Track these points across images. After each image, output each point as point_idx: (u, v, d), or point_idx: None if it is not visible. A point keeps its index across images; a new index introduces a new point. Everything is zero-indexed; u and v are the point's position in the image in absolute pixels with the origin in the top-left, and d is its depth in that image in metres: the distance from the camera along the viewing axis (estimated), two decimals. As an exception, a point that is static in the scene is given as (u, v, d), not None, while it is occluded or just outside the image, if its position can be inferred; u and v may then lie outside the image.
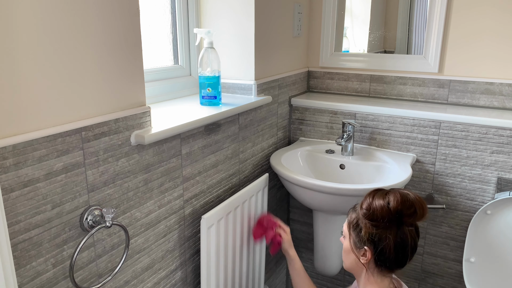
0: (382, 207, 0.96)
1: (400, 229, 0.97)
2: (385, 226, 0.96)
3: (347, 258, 1.07)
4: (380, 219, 0.96)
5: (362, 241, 1.00)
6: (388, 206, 0.96)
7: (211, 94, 1.30)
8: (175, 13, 1.42)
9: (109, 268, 0.98)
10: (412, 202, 0.97)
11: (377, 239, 0.97)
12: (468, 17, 1.54)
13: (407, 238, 0.97)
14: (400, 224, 0.97)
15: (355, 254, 1.03)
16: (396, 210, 0.95)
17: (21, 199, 0.76)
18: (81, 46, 0.82)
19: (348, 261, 1.06)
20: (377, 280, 1.02)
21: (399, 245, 0.97)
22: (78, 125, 0.83)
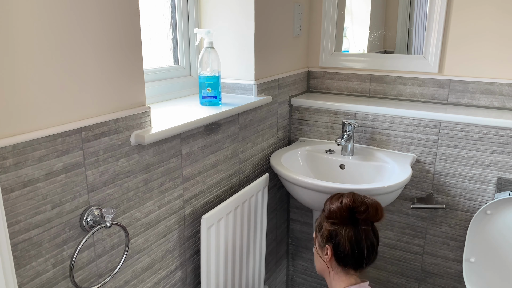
0: (337, 206, 1.09)
1: (355, 227, 1.08)
2: (341, 223, 1.08)
3: (316, 262, 1.16)
4: (335, 217, 1.09)
5: (324, 240, 1.10)
6: (341, 204, 1.09)
7: (211, 94, 1.30)
8: (175, 13, 1.42)
9: (109, 268, 0.98)
10: (364, 201, 1.09)
11: (334, 235, 1.08)
12: (468, 17, 1.54)
13: (361, 235, 1.07)
14: (355, 222, 1.08)
15: (319, 255, 1.12)
16: (348, 207, 1.08)
17: (21, 199, 0.76)
18: (81, 46, 0.82)
19: (317, 265, 1.15)
20: (342, 278, 1.10)
21: (354, 241, 1.06)
22: (78, 125, 0.83)
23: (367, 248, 1.08)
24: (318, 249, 1.14)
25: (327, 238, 1.10)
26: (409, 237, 1.71)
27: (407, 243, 1.72)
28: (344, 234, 1.07)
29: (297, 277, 2.03)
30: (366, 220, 1.08)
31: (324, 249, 1.11)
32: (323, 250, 1.11)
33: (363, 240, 1.07)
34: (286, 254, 2.00)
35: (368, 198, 1.11)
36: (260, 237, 1.51)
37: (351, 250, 1.07)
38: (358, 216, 1.07)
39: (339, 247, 1.07)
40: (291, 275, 2.04)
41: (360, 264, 1.09)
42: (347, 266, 1.09)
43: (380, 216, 1.09)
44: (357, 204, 1.08)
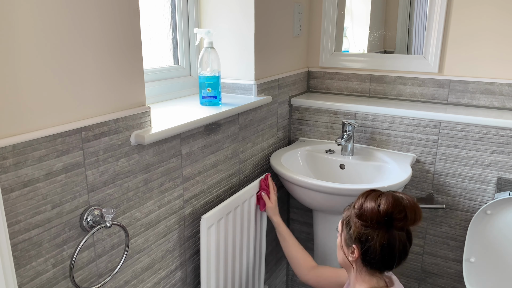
0: (373, 209, 0.97)
1: (389, 232, 0.97)
2: (373, 227, 0.97)
3: (339, 254, 1.09)
4: (369, 220, 0.97)
5: (351, 239, 1.01)
6: (379, 209, 0.97)
7: (211, 94, 1.30)
8: (175, 13, 1.42)
9: (109, 268, 0.98)
10: (404, 207, 0.97)
11: (364, 238, 0.98)
12: (468, 17, 1.54)
13: (395, 241, 0.97)
14: (390, 227, 0.97)
15: (344, 251, 1.05)
16: (386, 213, 0.96)
17: (21, 199, 0.76)
18: (81, 46, 0.82)
19: (340, 257, 1.09)
20: (365, 278, 1.03)
21: (386, 247, 0.97)
22: (78, 125, 0.83)
23: (399, 253, 0.98)
24: (343, 245, 1.05)
25: (355, 238, 1.00)
26: (409, 237, 1.71)
27: (407, 243, 1.72)
28: (377, 239, 0.97)
29: (297, 277, 2.03)
30: (403, 226, 0.98)
31: (350, 248, 1.02)
32: (349, 248, 1.02)
33: (396, 246, 0.97)
34: (286, 254, 2.00)
35: (405, 199, 0.98)
36: (260, 237, 1.51)
37: (381, 256, 0.98)
38: (396, 223, 0.97)
39: (368, 251, 0.98)
40: (291, 275, 2.04)
41: (388, 268, 1.02)
42: (373, 269, 1.01)
43: (418, 220, 0.98)
44: (396, 210, 0.96)
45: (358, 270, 1.04)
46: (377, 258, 0.98)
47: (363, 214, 0.99)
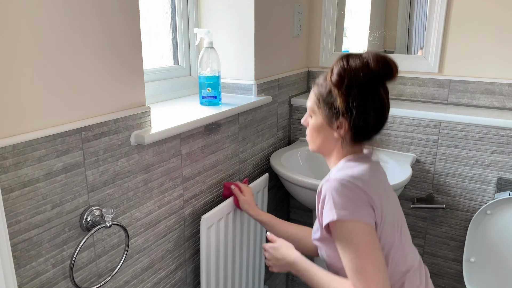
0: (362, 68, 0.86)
1: (376, 92, 0.89)
2: (363, 90, 0.87)
3: (317, 137, 0.97)
4: (357, 83, 0.87)
5: (337, 114, 0.91)
6: (368, 66, 0.86)
7: (211, 94, 1.30)
8: (175, 13, 1.42)
9: (109, 268, 0.98)
10: (388, 61, 0.88)
11: (354, 105, 0.88)
12: (468, 17, 1.54)
13: (384, 99, 0.90)
14: (376, 86, 0.89)
15: (325, 133, 0.95)
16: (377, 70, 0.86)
17: (21, 199, 0.76)
18: (81, 46, 0.82)
19: (319, 140, 0.98)
20: (349, 150, 0.95)
21: (378, 108, 0.89)
22: (78, 125, 0.83)
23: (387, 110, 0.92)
24: (323, 126, 0.95)
25: (343, 110, 0.89)
26: (409, 237, 1.71)
27: (407, 243, 1.72)
28: (368, 104, 0.87)
29: (297, 277, 2.03)
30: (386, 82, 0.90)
31: (335, 124, 0.92)
32: (333, 125, 0.92)
33: (386, 105, 0.90)
34: (286, 254, 2.00)
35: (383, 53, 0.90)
36: (260, 237, 1.51)
37: (374, 119, 0.89)
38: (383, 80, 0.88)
39: (360, 119, 0.88)
40: (291, 275, 2.04)
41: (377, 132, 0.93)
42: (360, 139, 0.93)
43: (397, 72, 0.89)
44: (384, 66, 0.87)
45: (342, 146, 0.95)
46: (370, 124, 0.90)
47: (349, 78, 0.86)
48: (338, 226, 0.83)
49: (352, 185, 0.84)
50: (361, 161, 0.92)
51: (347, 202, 0.83)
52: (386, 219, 0.88)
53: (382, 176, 0.96)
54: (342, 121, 0.90)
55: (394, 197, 0.98)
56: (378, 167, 0.96)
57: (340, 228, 0.83)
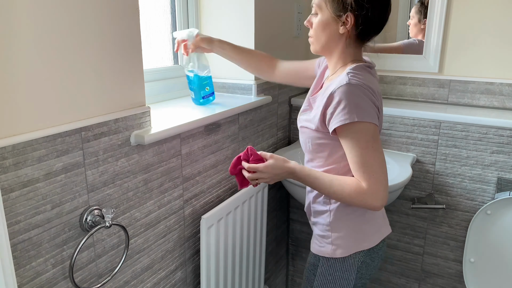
0: None
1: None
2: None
3: (322, 34, 0.99)
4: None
5: (344, 8, 0.94)
6: None
7: (209, 92, 1.31)
8: (175, 13, 1.42)
9: (108, 268, 0.98)
10: None
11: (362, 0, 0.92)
12: (468, 17, 1.54)
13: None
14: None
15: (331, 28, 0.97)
16: None
17: (21, 199, 0.76)
18: (81, 46, 0.82)
19: (324, 37, 1.00)
20: (351, 52, 1.00)
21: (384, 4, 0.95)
22: (78, 125, 0.83)
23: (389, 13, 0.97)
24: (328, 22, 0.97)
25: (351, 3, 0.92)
26: (409, 237, 1.71)
27: (407, 243, 1.72)
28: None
29: (297, 277, 2.03)
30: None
31: (341, 19, 0.95)
32: (339, 20, 0.95)
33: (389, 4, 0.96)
34: (286, 254, 2.00)
35: None
36: (260, 237, 1.51)
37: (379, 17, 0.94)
38: None
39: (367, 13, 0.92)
40: (291, 275, 2.04)
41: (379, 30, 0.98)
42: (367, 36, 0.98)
43: None
44: None
45: (346, 44, 0.99)
46: (375, 20, 0.94)
47: None
48: (352, 127, 0.91)
49: (366, 91, 0.91)
50: (366, 70, 0.98)
51: (363, 105, 0.90)
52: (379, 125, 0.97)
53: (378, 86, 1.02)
54: (349, 15, 0.94)
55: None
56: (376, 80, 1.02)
57: (353, 128, 0.91)
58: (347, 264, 1.05)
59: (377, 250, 1.08)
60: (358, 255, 1.05)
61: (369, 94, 0.92)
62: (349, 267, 1.05)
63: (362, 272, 1.07)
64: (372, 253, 1.06)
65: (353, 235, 1.05)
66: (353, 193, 0.93)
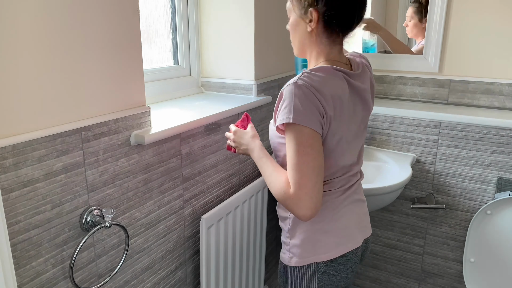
0: None
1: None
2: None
3: (295, 36, 1.00)
4: None
5: (307, 4, 0.93)
6: None
7: None
8: (175, 13, 1.42)
9: (109, 268, 0.98)
10: None
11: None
12: (468, 17, 1.54)
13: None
14: None
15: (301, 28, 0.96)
16: None
17: (21, 199, 0.76)
18: (81, 46, 0.82)
19: (297, 39, 1.00)
20: (325, 50, 0.96)
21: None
22: (78, 125, 0.83)
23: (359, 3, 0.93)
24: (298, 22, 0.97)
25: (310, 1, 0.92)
26: (409, 237, 1.71)
27: (407, 243, 1.72)
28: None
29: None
30: None
31: (307, 17, 0.94)
32: (306, 17, 0.94)
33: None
34: (286, 254, 2.00)
35: None
36: (260, 237, 1.51)
37: (342, 8, 0.91)
38: None
39: (327, 6, 0.90)
40: (291, 275, 2.04)
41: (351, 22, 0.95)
42: (334, 31, 0.94)
43: None
44: None
45: (319, 40, 0.96)
46: (339, 13, 0.92)
47: None
48: (289, 127, 0.88)
49: (311, 94, 0.87)
50: (330, 72, 0.92)
51: (302, 108, 0.86)
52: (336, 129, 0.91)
53: (345, 93, 0.94)
54: (312, 11, 0.92)
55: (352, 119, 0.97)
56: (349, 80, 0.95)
57: (291, 129, 0.87)
58: (306, 273, 1.00)
59: (343, 262, 1.00)
60: (316, 266, 0.98)
61: (313, 98, 0.86)
62: (308, 276, 1.00)
63: (325, 283, 1.00)
64: (335, 264, 0.99)
65: (308, 244, 0.99)
66: (281, 193, 0.88)
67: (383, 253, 1.78)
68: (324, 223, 0.99)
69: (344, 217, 1.00)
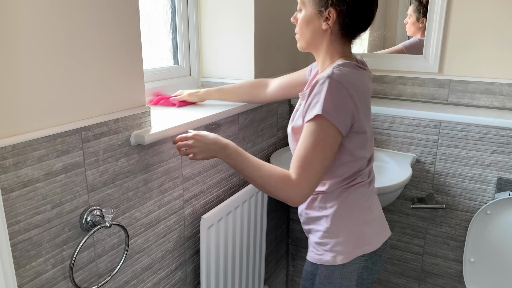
0: None
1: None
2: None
3: (306, 30, 0.99)
4: None
5: (326, 3, 0.92)
6: None
7: None
8: (175, 13, 1.42)
9: (109, 268, 0.98)
10: None
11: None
12: (468, 17, 1.54)
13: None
14: None
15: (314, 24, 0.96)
16: None
17: (21, 199, 0.76)
18: (81, 46, 0.82)
19: (308, 33, 0.99)
20: (338, 49, 0.97)
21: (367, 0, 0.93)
22: (78, 125, 0.83)
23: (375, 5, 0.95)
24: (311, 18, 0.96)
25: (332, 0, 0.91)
26: (409, 237, 1.71)
27: (407, 243, 1.72)
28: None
29: (297, 277, 2.03)
30: None
31: (324, 15, 0.93)
32: (321, 16, 0.94)
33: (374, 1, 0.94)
34: (286, 254, 2.00)
35: None
36: (260, 237, 1.51)
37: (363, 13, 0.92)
38: None
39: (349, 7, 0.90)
40: (291, 275, 2.04)
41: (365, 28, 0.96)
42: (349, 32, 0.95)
43: None
44: None
45: (332, 39, 0.96)
46: (358, 15, 0.92)
47: None
48: (316, 120, 0.88)
49: (346, 91, 0.88)
50: (355, 68, 0.94)
51: (335, 104, 0.87)
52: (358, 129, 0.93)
53: (369, 90, 0.99)
54: (331, 10, 0.92)
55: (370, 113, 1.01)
56: (368, 79, 0.99)
57: (317, 122, 0.88)
58: (348, 270, 1.00)
59: (380, 253, 1.03)
60: (359, 260, 1.00)
61: (346, 95, 0.87)
62: (349, 273, 1.00)
63: (363, 278, 1.02)
64: (374, 256, 1.02)
65: (353, 239, 1.00)
66: (280, 182, 0.89)
67: (383, 253, 1.78)
68: (364, 214, 1.02)
69: (376, 206, 1.05)
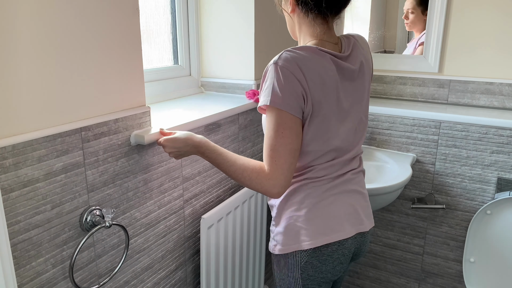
0: None
1: None
2: None
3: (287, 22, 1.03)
4: None
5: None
6: None
7: None
8: (175, 13, 1.42)
9: (109, 268, 0.98)
10: None
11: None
12: (468, 17, 1.54)
13: None
14: None
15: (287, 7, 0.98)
16: None
17: (21, 199, 0.76)
18: (81, 46, 0.82)
19: (288, 24, 1.03)
20: (308, 31, 0.97)
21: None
22: (78, 125, 0.83)
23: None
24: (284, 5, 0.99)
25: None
26: (409, 237, 1.71)
27: (407, 243, 1.72)
28: None
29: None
30: None
31: (287, 4, 0.97)
32: (287, 5, 0.97)
33: None
34: (286, 254, 2.00)
35: None
36: (260, 237, 1.51)
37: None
38: None
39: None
40: (291, 275, 2.04)
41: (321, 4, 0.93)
42: (310, 13, 0.94)
43: None
44: None
45: (300, 24, 0.97)
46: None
47: None
48: (269, 109, 0.88)
49: (289, 74, 0.86)
50: (313, 51, 0.91)
51: (282, 91, 0.86)
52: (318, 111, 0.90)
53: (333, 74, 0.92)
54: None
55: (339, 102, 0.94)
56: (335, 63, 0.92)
57: (270, 111, 0.88)
58: (290, 262, 0.98)
59: (328, 253, 0.96)
60: (298, 254, 0.96)
61: (293, 79, 0.86)
62: (291, 265, 0.99)
63: (308, 273, 0.97)
64: (319, 254, 0.96)
65: (291, 232, 0.97)
66: (254, 175, 0.89)
67: (383, 253, 1.78)
68: (307, 210, 0.96)
69: (331, 206, 0.97)
